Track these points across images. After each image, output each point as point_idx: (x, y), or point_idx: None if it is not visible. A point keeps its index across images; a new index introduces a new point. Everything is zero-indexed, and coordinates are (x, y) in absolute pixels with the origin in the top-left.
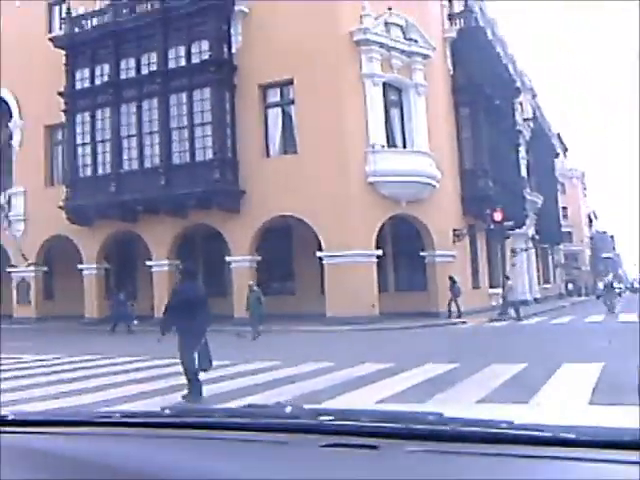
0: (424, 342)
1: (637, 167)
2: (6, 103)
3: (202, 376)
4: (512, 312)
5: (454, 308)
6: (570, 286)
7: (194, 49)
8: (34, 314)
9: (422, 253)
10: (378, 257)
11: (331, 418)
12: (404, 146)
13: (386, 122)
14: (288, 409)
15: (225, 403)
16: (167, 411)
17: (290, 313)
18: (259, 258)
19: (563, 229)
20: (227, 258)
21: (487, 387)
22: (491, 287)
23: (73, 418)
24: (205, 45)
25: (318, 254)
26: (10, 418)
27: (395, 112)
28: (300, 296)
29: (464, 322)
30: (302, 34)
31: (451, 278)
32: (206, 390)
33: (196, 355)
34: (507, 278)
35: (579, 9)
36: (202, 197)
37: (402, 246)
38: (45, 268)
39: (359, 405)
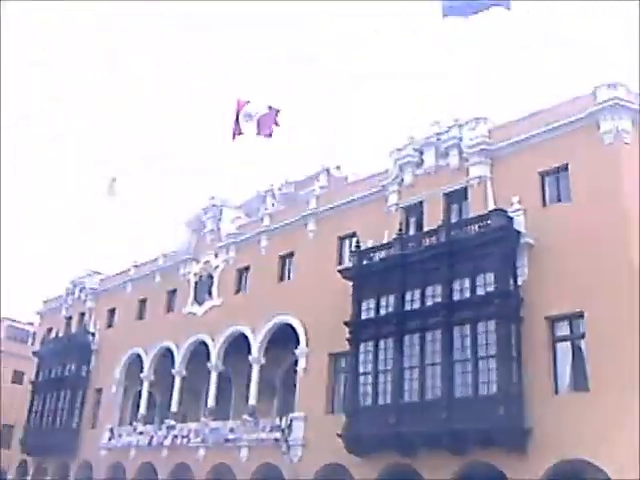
0: None
1: None
2: (294, 330)
3: None
4: None
5: None
6: None
7: (479, 281)
8: None
9: None
10: None
11: None
12: None
13: None
14: None
15: None
16: None
17: None
18: None
19: None
20: None
21: None
22: None
23: None
24: (490, 277)
25: None
26: None
27: None
28: None
29: None
30: (592, 264)
31: None
32: None
33: None
34: None
35: None
36: (484, 433)
37: None
38: None
39: None
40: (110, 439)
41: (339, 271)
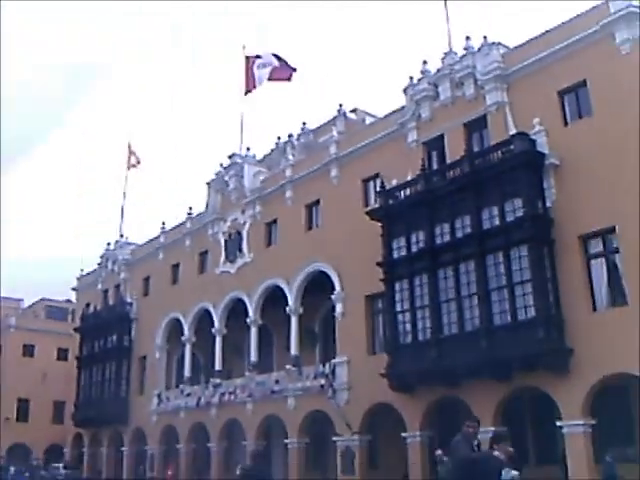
0: None
1: None
2: (328, 277)
3: None
4: None
5: None
6: None
7: (507, 207)
8: None
9: None
10: None
11: None
12: None
13: None
14: None
15: None
16: None
17: None
18: (593, 422)
19: None
20: (558, 422)
21: None
22: None
23: None
24: (518, 202)
25: None
26: None
27: None
28: None
29: None
30: (618, 177)
31: None
32: None
33: None
34: None
35: None
36: (526, 358)
37: None
38: (369, 436)
39: None
40: (159, 404)
41: (367, 213)
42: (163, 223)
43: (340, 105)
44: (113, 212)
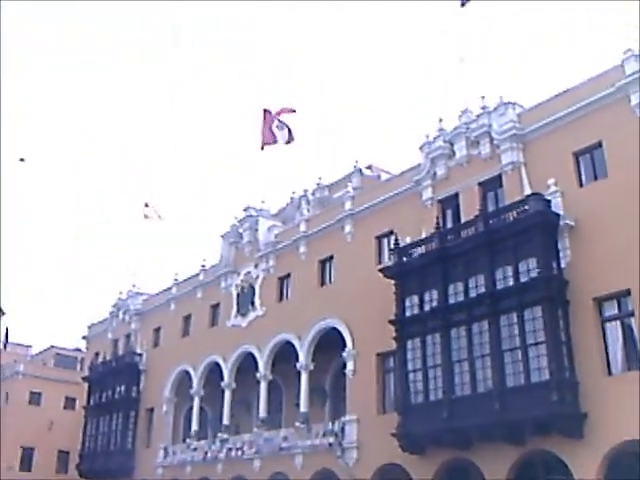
0: None
1: None
2: (340, 333)
3: None
4: None
5: None
6: None
7: (522, 268)
8: None
9: None
10: None
11: None
12: None
13: None
14: None
15: None
16: None
17: None
18: None
19: None
20: None
21: None
22: None
23: None
24: (533, 263)
25: None
26: None
27: None
28: None
29: None
30: (634, 239)
31: None
32: None
33: None
34: None
35: None
36: (540, 421)
37: None
38: None
39: None
40: (165, 457)
41: (380, 270)
42: (176, 274)
43: (356, 161)
44: (126, 261)
